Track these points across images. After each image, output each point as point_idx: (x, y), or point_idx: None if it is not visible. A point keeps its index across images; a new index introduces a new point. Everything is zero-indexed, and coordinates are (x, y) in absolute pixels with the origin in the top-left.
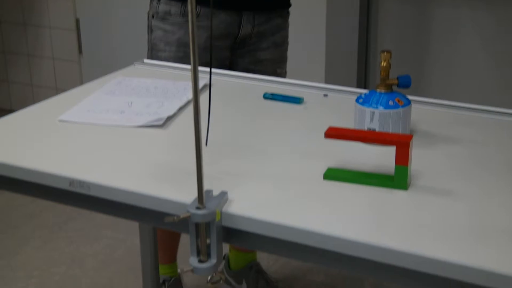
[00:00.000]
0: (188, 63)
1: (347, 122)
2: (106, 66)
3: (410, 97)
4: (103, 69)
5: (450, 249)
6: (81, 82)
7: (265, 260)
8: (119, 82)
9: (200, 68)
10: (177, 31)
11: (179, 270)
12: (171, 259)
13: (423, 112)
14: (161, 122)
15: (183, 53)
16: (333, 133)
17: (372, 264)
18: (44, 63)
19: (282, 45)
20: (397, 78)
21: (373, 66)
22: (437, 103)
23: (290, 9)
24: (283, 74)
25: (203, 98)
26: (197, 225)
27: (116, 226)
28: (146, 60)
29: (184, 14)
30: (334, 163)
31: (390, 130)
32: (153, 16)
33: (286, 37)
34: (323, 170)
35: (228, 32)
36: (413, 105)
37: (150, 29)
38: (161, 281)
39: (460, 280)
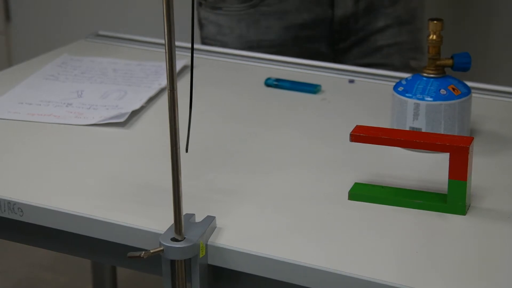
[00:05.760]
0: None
1: (382, 119)
2: (46, 39)
3: (470, 84)
4: (41, 43)
5: None
6: (10, 62)
7: None
8: (64, 63)
9: (182, 44)
10: (236, 25)
11: None
12: None
13: (489, 104)
14: (122, 119)
15: None
16: (361, 135)
17: None
18: None
19: (412, 21)
20: (452, 57)
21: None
22: (508, 91)
23: None
24: (420, 69)
25: (182, 85)
26: (173, 263)
27: (59, 266)
28: (101, 32)
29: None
30: (362, 177)
31: (442, 131)
32: (200, 4)
33: (416, 8)
34: (348, 187)
35: (315, 17)
36: (475, 95)
37: (200, 23)
38: None
39: None
